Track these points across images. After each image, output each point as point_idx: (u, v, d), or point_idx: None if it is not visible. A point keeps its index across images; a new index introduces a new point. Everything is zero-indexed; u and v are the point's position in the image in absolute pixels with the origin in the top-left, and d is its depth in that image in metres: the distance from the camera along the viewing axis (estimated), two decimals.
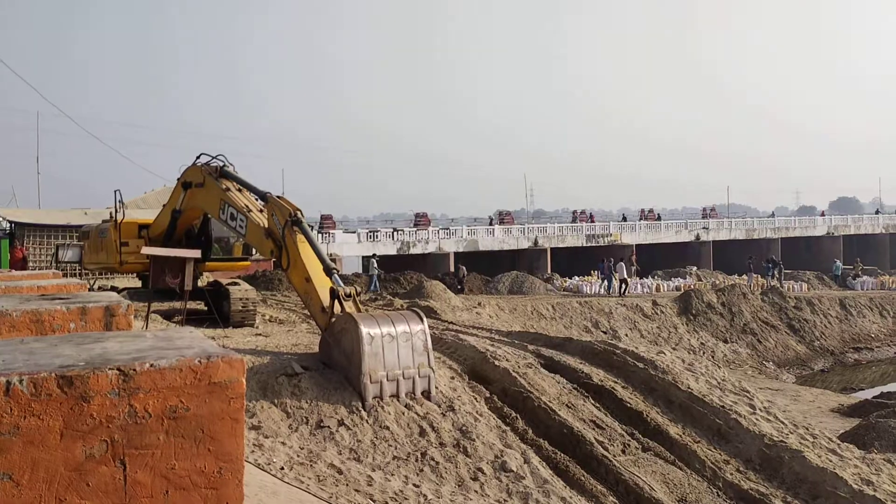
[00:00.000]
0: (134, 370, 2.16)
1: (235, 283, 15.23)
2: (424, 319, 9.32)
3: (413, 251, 44.14)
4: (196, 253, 13.29)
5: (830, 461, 8.67)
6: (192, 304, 14.60)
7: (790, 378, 25.84)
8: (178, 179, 13.95)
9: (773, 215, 71.42)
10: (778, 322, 30.07)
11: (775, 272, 37.75)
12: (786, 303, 31.26)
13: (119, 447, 2.14)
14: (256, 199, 12.17)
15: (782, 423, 9.76)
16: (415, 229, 46.57)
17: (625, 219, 56.76)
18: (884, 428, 13.06)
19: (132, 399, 2.16)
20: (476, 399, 9.43)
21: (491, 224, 51.23)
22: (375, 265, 32.59)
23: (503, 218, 55.56)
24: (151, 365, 2.18)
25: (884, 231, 65.23)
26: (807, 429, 9.92)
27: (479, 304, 25.83)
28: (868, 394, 21.82)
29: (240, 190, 12.42)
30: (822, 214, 78.04)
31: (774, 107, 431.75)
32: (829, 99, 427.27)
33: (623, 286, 32.43)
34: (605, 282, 33.91)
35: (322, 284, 10.00)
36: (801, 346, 29.10)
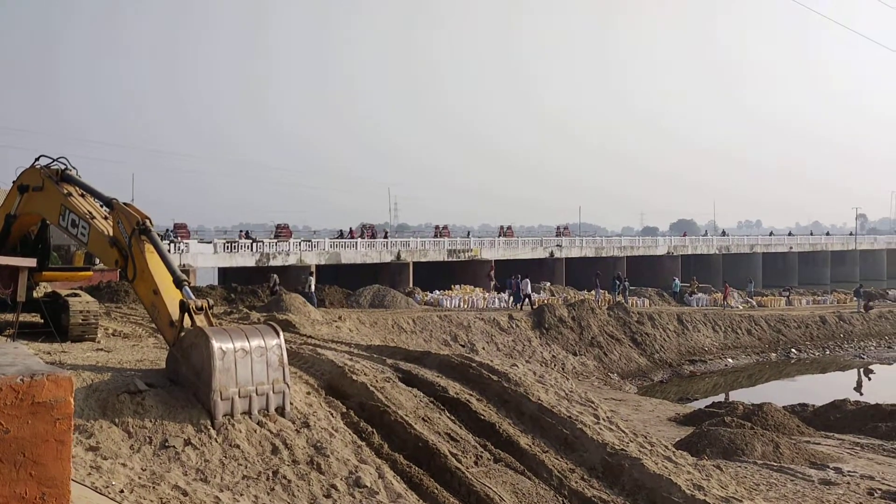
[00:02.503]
0: None
1: (76, 295, 14.24)
2: (281, 333, 9.12)
3: (273, 263, 43.11)
4: (31, 261, 12.34)
5: (666, 468, 9.22)
6: (25, 317, 13.52)
7: (632, 389, 27.40)
8: (14, 182, 12.92)
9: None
10: (622, 336, 31.83)
11: (621, 288, 39.98)
12: (630, 317, 33.15)
13: None
14: (101, 206, 11.48)
15: (623, 432, 10.31)
16: (275, 241, 45.54)
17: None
18: (714, 436, 14.08)
19: None
20: (332, 414, 9.32)
21: (379, 236, 50.92)
22: (313, 283, 32.09)
23: (366, 231, 55.49)
24: None
25: (717, 252, 70.77)
26: (645, 437, 10.53)
27: (340, 317, 25.62)
28: (701, 403, 23.50)
29: (83, 195, 11.66)
30: (685, 234, 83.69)
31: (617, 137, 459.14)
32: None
33: (526, 300, 34.08)
34: (513, 297, 35.60)
35: (171, 297, 9.57)
36: (643, 358, 30.94)
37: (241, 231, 56.34)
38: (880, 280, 77.67)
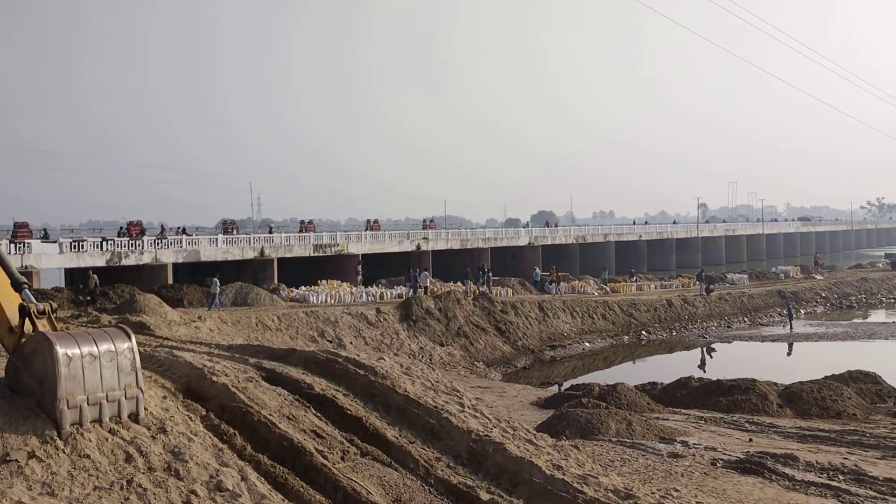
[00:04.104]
0: None
1: None
2: (132, 336, 8.68)
3: (126, 262, 40.90)
4: None
5: (528, 450, 9.56)
6: None
7: (497, 376, 28.19)
8: None
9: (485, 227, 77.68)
10: (487, 325, 32.65)
11: (485, 279, 40.98)
12: (494, 307, 34.05)
13: None
14: None
15: (487, 418, 10.59)
16: (128, 239, 43.16)
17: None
18: (573, 417, 14.73)
19: None
20: (191, 418, 8.99)
21: (276, 232, 49.24)
22: (218, 284, 30.68)
23: (228, 227, 53.76)
24: None
25: (575, 241, 73.97)
26: (508, 422, 10.85)
27: (199, 317, 24.70)
28: (562, 387, 24.53)
29: None
30: (557, 225, 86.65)
31: (486, 125, 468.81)
32: (532, 119, 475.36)
33: (426, 292, 35.01)
34: (412, 289, 36.50)
35: (9, 301, 8.88)
36: (507, 346, 31.89)
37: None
38: (720, 265, 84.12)
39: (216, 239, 46.83)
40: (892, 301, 52.93)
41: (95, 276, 30.49)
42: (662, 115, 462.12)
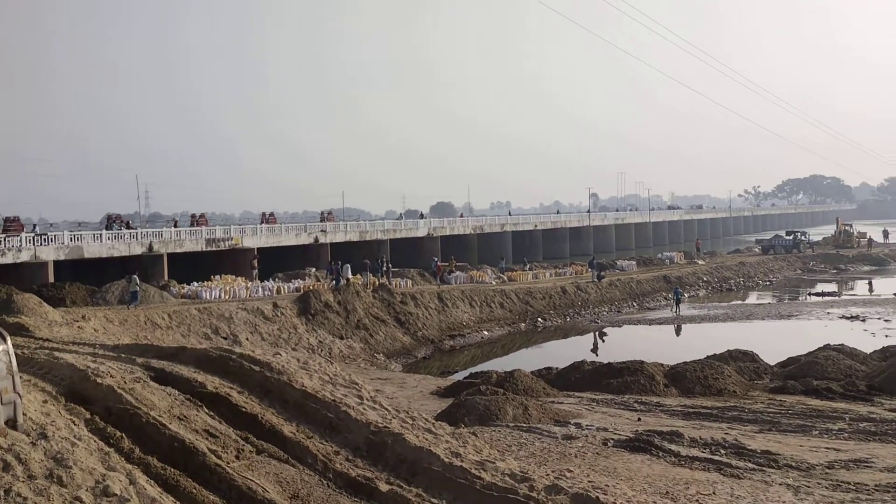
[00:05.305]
0: None
1: None
2: (8, 338, 8.19)
3: (2, 261, 38.37)
4: None
5: (427, 440, 9.65)
6: None
7: (398, 367, 28.25)
8: None
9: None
10: (387, 316, 32.64)
11: (384, 270, 40.94)
12: (394, 298, 34.07)
13: None
14: None
15: (387, 409, 10.62)
16: (3, 235, 40.50)
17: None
18: (471, 405, 14.96)
19: None
20: (74, 422, 8.58)
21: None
22: (137, 281, 29.50)
23: (113, 222, 51.33)
24: None
25: (472, 232, 74.96)
26: (408, 413, 10.92)
27: (84, 317, 23.53)
28: (461, 375, 24.80)
29: None
30: (461, 216, 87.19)
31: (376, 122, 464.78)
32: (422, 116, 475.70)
33: (348, 284, 34.62)
34: (334, 281, 36.16)
35: None
36: (407, 336, 31.99)
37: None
38: (610, 252, 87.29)
39: (101, 235, 44.63)
40: (768, 283, 56.43)
41: None
42: (556, 116, 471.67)
